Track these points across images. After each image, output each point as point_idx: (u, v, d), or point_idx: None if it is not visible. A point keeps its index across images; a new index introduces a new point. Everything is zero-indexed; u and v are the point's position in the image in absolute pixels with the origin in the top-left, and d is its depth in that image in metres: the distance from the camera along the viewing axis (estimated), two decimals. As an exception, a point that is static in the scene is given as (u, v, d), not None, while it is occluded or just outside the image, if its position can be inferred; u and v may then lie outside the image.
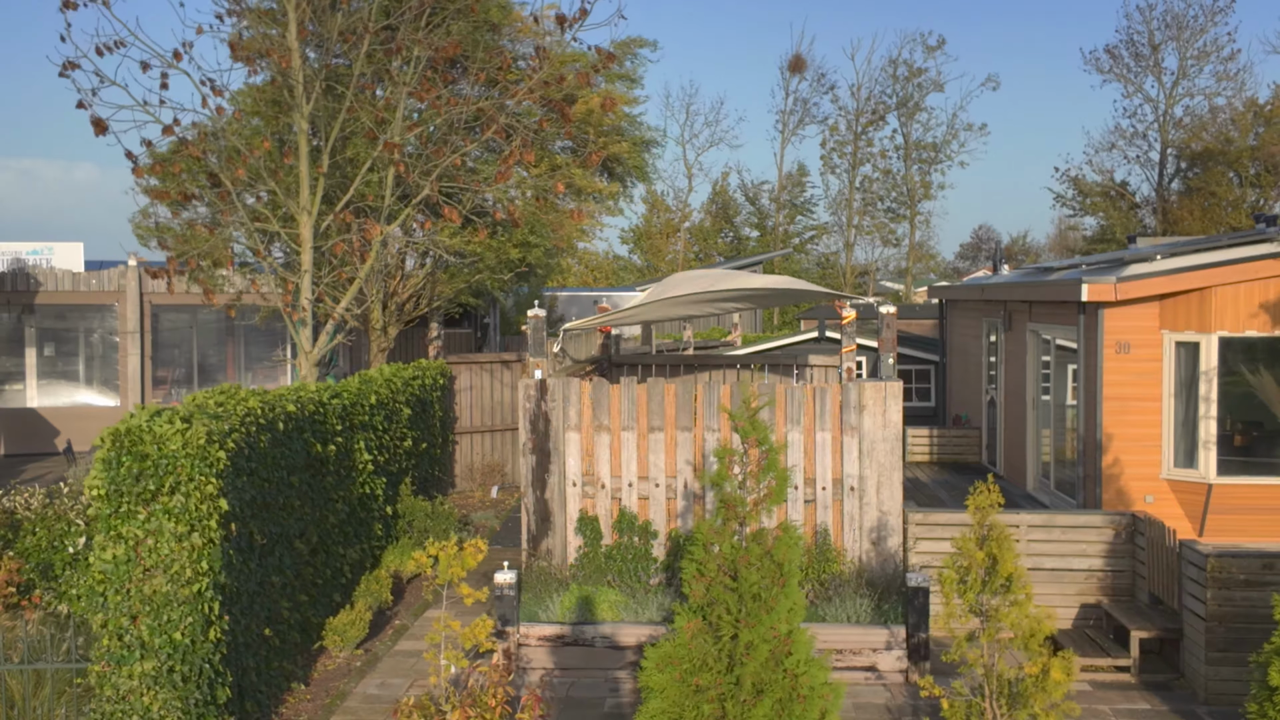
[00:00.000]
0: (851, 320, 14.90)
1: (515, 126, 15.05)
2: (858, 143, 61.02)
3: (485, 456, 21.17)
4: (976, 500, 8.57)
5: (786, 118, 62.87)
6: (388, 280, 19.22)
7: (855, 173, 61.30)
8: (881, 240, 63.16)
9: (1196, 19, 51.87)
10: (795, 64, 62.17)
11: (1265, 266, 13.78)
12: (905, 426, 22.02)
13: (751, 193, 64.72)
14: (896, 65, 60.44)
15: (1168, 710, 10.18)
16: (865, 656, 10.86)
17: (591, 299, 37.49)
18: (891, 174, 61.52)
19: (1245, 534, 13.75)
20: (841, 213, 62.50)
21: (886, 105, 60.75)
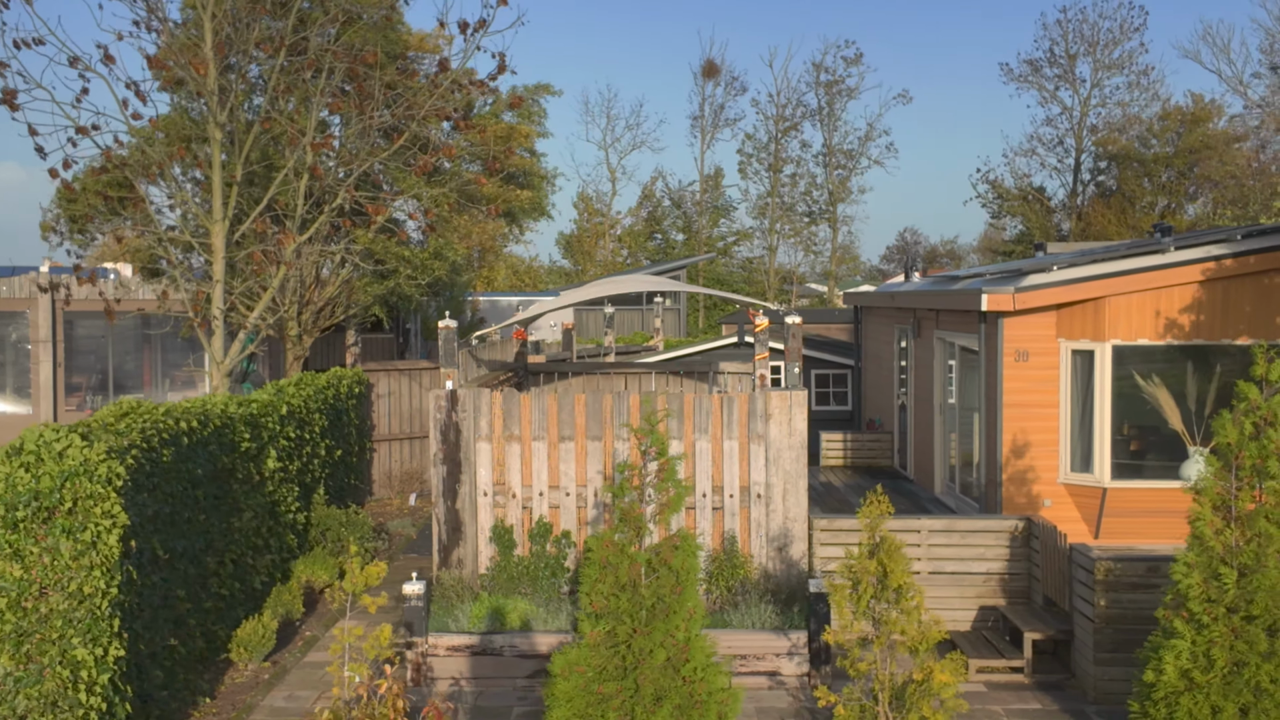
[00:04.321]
0: (764, 328, 15.14)
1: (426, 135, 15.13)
2: (778, 148, 61.63)
3: (404, 464, 21.17)
4: (867, 511, 8.82)
5: (703, 122, 63.37)
6: (303, 288, 19.16)
7: (776, 177, 61.92)
8: (802, 246, 63.87)
9: (1110, 31, 53.14)
10: (708, 69, 62.63)
11: (1156, 277, 14.24)
12: (821, 431, 22.36)
13: (677, 196, 65.12)
14: (818, 72, 61.16)
15: (1058, 710, 10.53)
16: (768, 661, 11.09)
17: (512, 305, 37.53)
18: (810, 178, 62.25)
19: (1139, 536, 14.20)
20: (763, 217, 63.11)
21: (805, 110, 61.46)
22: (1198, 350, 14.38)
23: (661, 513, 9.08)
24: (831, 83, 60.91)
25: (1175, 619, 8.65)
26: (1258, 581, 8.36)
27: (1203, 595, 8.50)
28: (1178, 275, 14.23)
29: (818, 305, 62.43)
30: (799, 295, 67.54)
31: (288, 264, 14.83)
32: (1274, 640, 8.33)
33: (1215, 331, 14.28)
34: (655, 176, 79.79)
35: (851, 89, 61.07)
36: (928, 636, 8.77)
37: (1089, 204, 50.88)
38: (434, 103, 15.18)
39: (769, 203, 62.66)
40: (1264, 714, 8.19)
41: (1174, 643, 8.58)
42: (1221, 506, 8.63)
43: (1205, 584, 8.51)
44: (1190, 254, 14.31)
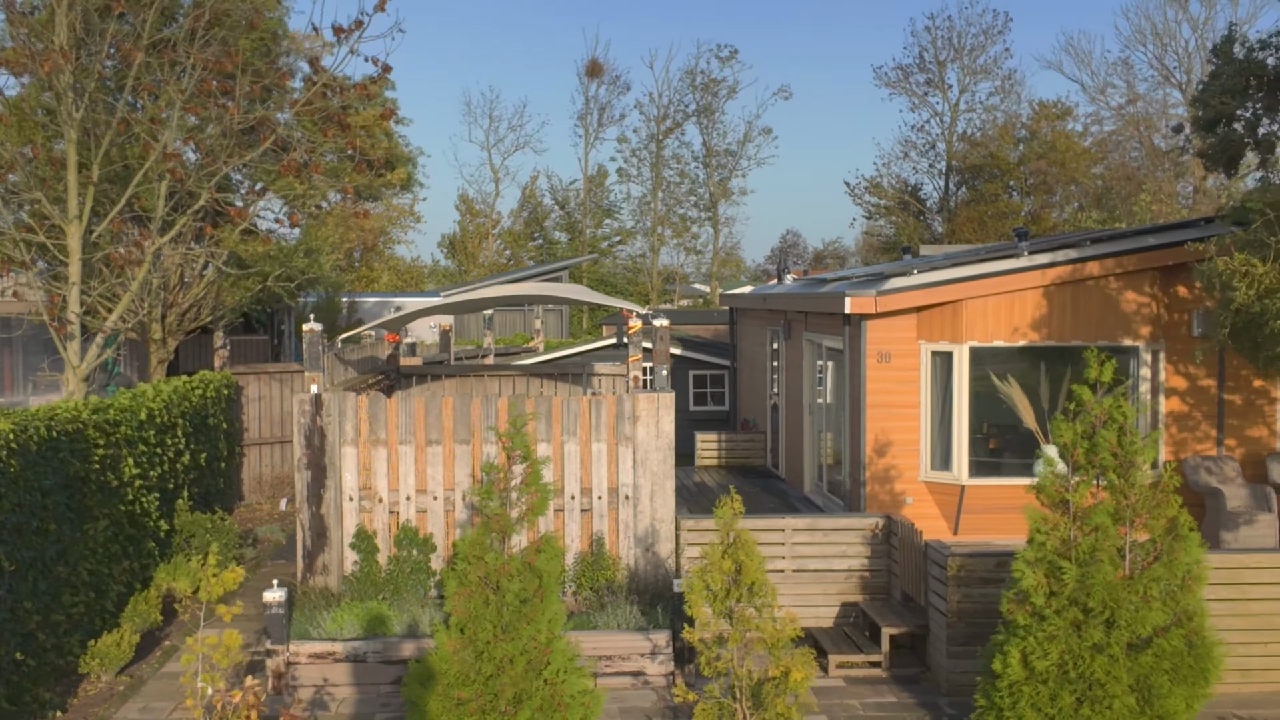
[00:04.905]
0: (637, 330, 15.27)
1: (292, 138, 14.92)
2: (659, 148, 62.04)
3: (276, 468, 20.83)
4: (721, 511, 8.98)
5: (587, 122, 63.52)
6: (167, 290, 18.74)
7: (658, 177, 62.32)
8: (683, 247, 64.38)
9: (977, 38, 54.60)
10: (592, 69, 62.79)
11: (1011, 280, 14.73)
12: (696, 431, 22.60)
13: (560, 197, 65.13)
14: (694, 75, 61.71)
15: (913, 703, 10.82)
16: (633, 662, 11.19)
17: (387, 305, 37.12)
18: (693, 179, 62.79)
19: (996, 532, 14.66)
20: (646, 217, 63.47)
21: (686, 111, 61.96)
22: (1049, 351, 14.91)
23: (527, 516, 9.13)
24: (709, 83, 61.52)
25: (1018, 613, 8.97)
26: (1094, 576, 8.71)
27: (1043, 590, 8.83)
28: (1031, 279, 14.74)
29: (701, 306, 62.92)
30: (682, 296, 68.06)
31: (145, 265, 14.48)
32: (1109, 633, 8.68)
33: (1066, 333, 14.82)
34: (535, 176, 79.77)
35: (731, 87, 61.73)
36: (783, 633, 8.95)
37: (958, 207, 52.21)
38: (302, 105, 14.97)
39: (651, 203, 63.02)
40: (1098, 703, 8.54)
41: (1017, 636, 8.90)
42: (1060, 504, 8.98)
43: (1045, 579, 8.84)
44: (1043, 259, 14.83)
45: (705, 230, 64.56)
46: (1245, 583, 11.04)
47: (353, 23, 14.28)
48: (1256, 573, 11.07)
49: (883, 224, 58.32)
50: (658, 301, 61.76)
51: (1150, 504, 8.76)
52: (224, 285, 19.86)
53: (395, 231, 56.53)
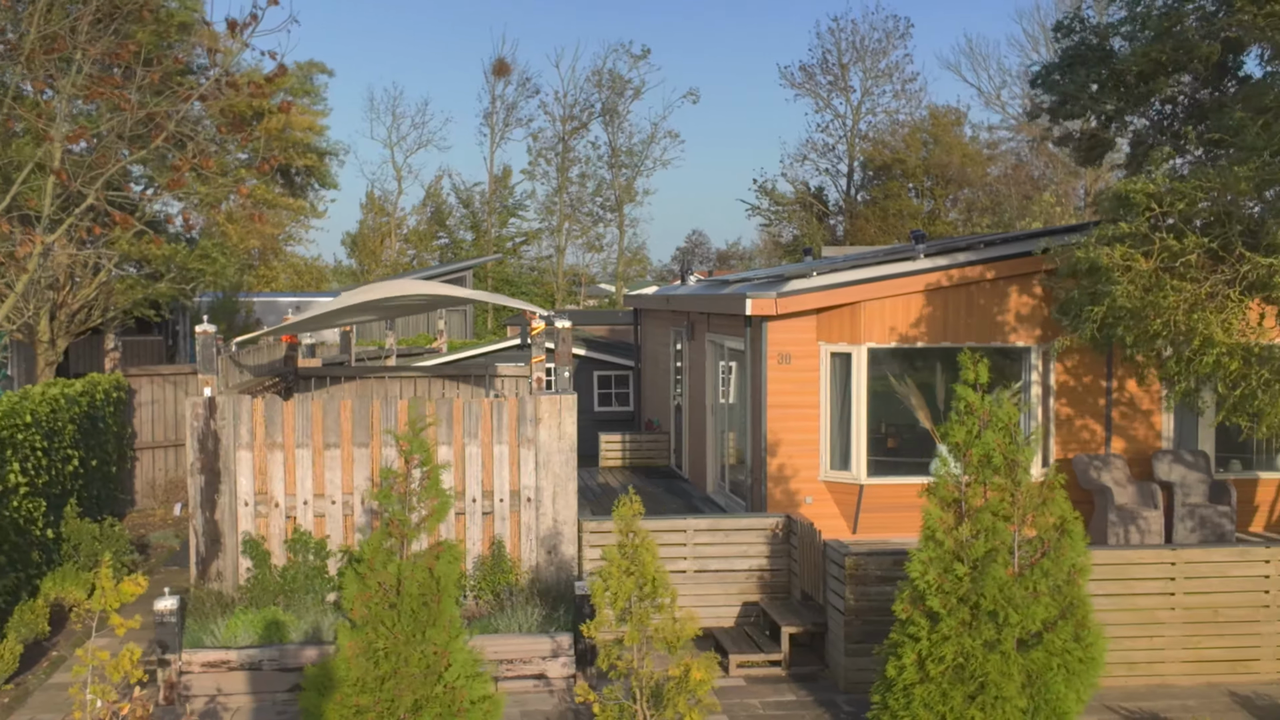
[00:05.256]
0: (540, 331, 15.22)
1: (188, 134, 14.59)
2: (565, 148, 61.97)
3: (169, 473, 20.37)
4: (621, 511, 8.99)
5: (493, 121, 63.20)
6: (56, 290, 18.21)
7: (564, 177, 62.25)
8: (588, 246, 64.40)
9: (879, 41, 55.45)
10: (499, 68, 62.46)
11: (908, 282, 14.98)
12: (600, 432, 22.61)
13: (465, 196, 64.67)
14: (601, 74, 61.76)
15: (812, 700, 10.95)
16: (534, 665, 11.15)
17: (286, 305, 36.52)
18: (599, 179, 62.84)
19: (894, 530, 14.90)
20: (552, 217, 63.34)
21: (592, 112, 61.99)
22: (945, 352, 15.19)
23: (427, 520, 9.05)
24: (616, 83, 61.61)
25: (913, 612, 9.12)
26: (986, 574, 8.88)
27: (937, 589, 8.99)
28: (926, 281, 15.01)
29: (606, 307, 62.98)
30: (587, 296, 68.04)
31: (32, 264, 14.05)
32: (1000, 630, 8.86)
33: (960, 334, 15.12)
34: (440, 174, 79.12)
35: (637, 88, 61.89)
36: (683, 633, 8.99)
37: (859, 209, 52.98)
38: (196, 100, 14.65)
39: (557, 203, 62.90)
40: (990, 701, 8.72)
41: (912, 635, 9.05)
42: (953, 503, 9.15)
43: (939, 578, 9.00)
44: (939, 261, 15.10)
45: (611, 230, 64.65)
46: (1131, 578, 11.37)
47: (248, 16, 14.00)
48: (1141, 568, 11.40)
49: (784, 226, 58.87)
50: (563, 302, 61.65)
51: (1037, 502, 8.96)
52: (117, 286, 19.36)
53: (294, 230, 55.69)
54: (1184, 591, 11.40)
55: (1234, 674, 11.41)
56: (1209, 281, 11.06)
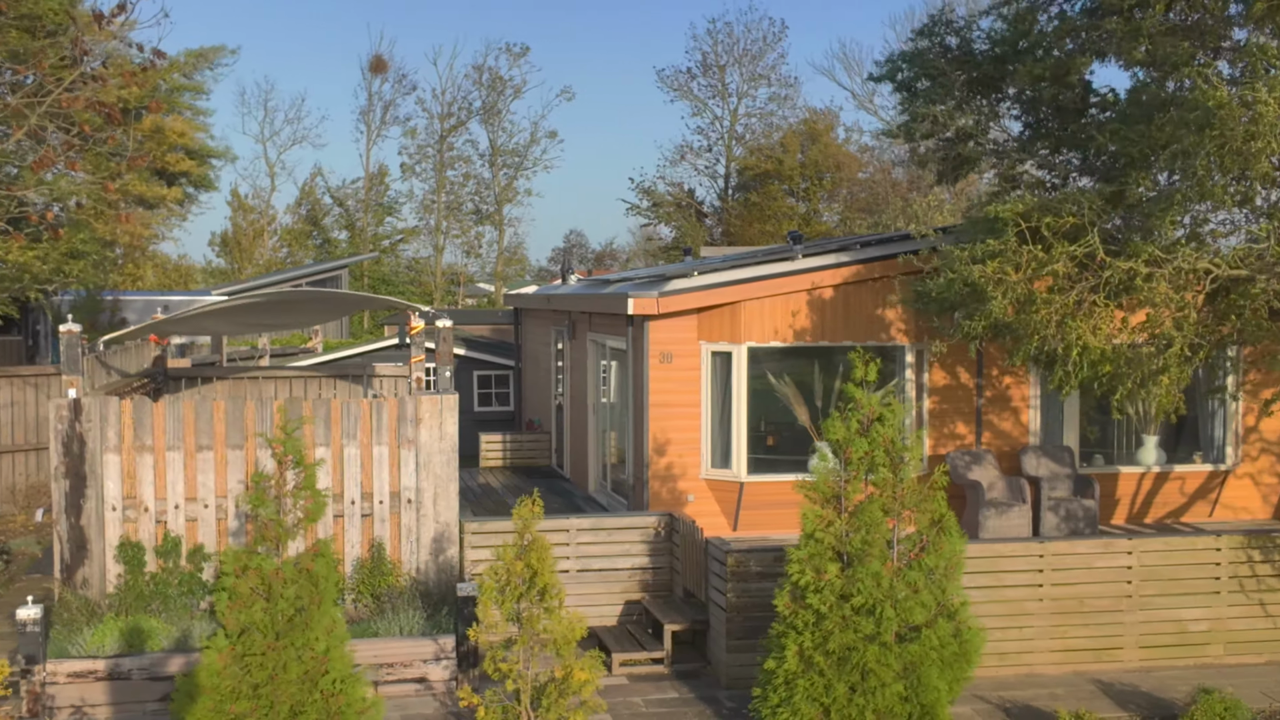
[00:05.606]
0: (419, 330, 15.05)
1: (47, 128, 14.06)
2: (443, 146, 61.35)
3: (30, 477, 19.62)
4: (519, 513, 8.95)
5: (369, 118, 62.26)
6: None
7: (442, 176, 61.61)
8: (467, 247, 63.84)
9: (755, 44, 56.06)
10: (376, 65, 61.53)
11: (786, 283, 15.19)
12: (480, 433, 22.44)
13: (339, 194, 63.56)
14: (481, 72, 61.29)
15: (694, 697, 11.02)
16: (415, 668, 11.01)
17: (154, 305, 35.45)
18: (478, 178, 62.36)
19: (774, 527, 15.08)
20: (430, 216, 62.64)
21: (470, 110, 61.48)
22: (823, 351, 15.44)
23: (303, 523, 8.87)
24: (495, 82, 61.18)
25: (794, 607, 9.24)
26: (865, 570, 9.04)
27: (817, 584, 9.12)
28: (805, 281, 15.23)
29: (485, 306, 62.50)
30: (466, 295, 67.49)
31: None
32: (880, 624, 9.03)
33: (837, 334, 15.37)
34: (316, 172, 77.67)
35: (517, 87, 61.57)
36: (571, 635, 8.97)
37: (736, 210, 53.52)
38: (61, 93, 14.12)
39: (435, 202, 62.22)
40: (870, 692, 8.88)
41: (792, 630, 9.17)
42: (834, 499, 9.30)
43: (819, 574, 9.13)
44: (816, 261, 15.34)
45: (490, 230, 64.18)
46: (1001, 570, 11.70)
47: (114, 8, 13.56)
48: (1011, 560, 11.74)
49: (662, 226, 59.17)
50: (442, 301, 61.02)
51: (917, 498, 9.16)
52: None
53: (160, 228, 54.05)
54: (1051, 583, 11.77)
55: (1099, 662, 11.82)
56: (1075, 290, 11.44)
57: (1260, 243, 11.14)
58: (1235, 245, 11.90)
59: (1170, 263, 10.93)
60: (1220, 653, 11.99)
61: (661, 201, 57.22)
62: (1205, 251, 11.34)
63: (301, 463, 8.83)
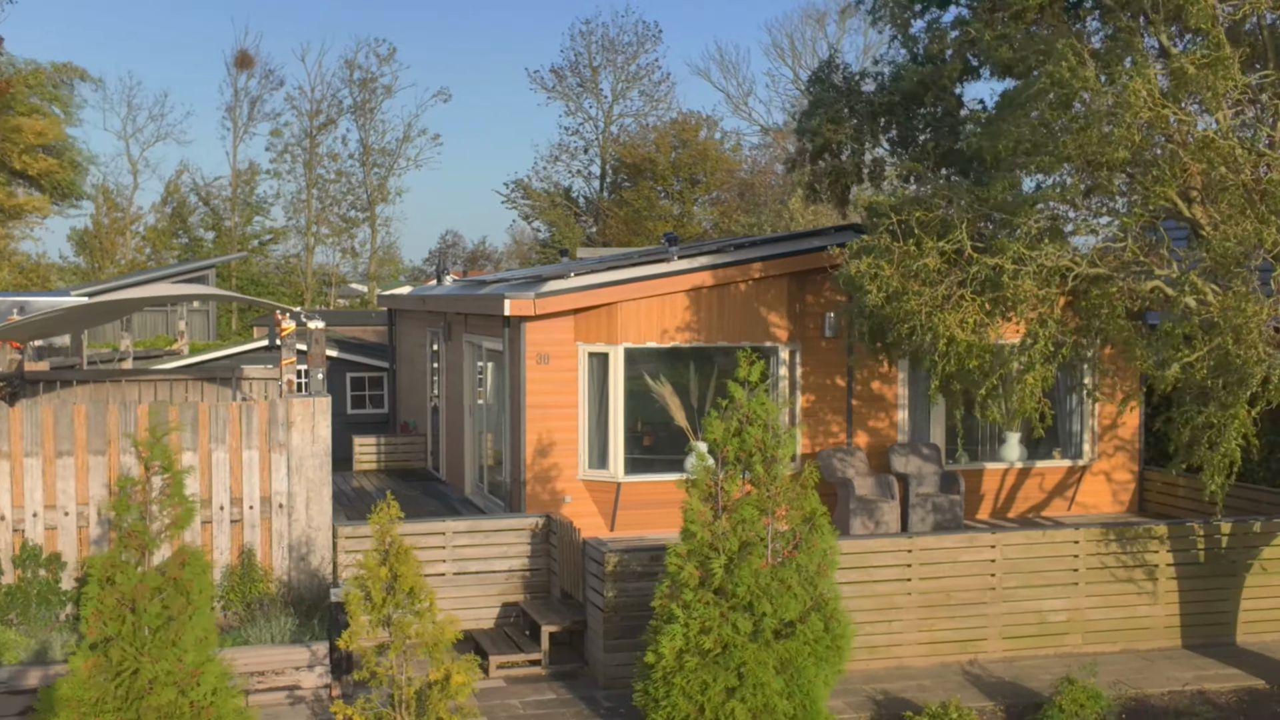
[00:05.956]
0: (290, 332, 14.78)
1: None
2: (313, 144, 60.25)
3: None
4: (377, 517, 8.85)
5: (236, 115, 60.85)
6: None
7: (312, 174, 60.50)
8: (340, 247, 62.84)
9: (629, 45, 56.28)
10: (242, 60, 60.12)
11: (663, 284, 15.31)
12: (354, 435, 22.11)
13: (205, 192, 61.97)
14: (351, 69, 60.35)
15: (572, 697, 11.05)
16: (288, 676, 10.81)
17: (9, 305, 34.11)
18: (348, 176, 61.37)
19: (651, 527, 15.18)
20: (300, 215, 61.44)
21: (341, 108, 60.53)
22: (698, 352, 15.61)
23: (169, 529, 8.65)
24: (366, 80, 60.30)
25: (672, 604, 9.32)
26: (742, 567, 9.17)
27: (695, 582, 9.22)
28: (680, 282, 15.37)
29: (359, 307, 61.57)
30: (339, 296, 66.42)
31: None
32: (756, 620, 9.17)
33: (713, 334, 15.56)
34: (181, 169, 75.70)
35: (388, 86, 60.80)
36: (443, 637, 8.91)
37: (611, 210, 53.69)
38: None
39: (306, 201, 61.06)
40: (747, 689, 9.01)
41: (671, 627, 9.25)
42: (710, 497, 9.41)
43: (697, 571, 9.23)
44: (691, 263, 15.49)
45: (363, 230, 63.24)
46: (871, 566, 11.97)
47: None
48: (881, 556, 12.03)
49: (538, 225, 59.01)
50: (314, 302, 59.93)
51: (791, 496, 9.33)
52: None
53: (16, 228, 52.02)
54: (919, 577, 12.09)
55: (965, 653, 12.18)
56: (944, 284, 11.77)
57: (1118, 243, 11.58)
58: (1094, 245, 12.38)
59: (1034, 260, 11.30)
60: (1079, 642, 12.46)
61: (538, 198, 57.06)
62: (1066, 250, 11.75)
63: (170, 468, 8.62)
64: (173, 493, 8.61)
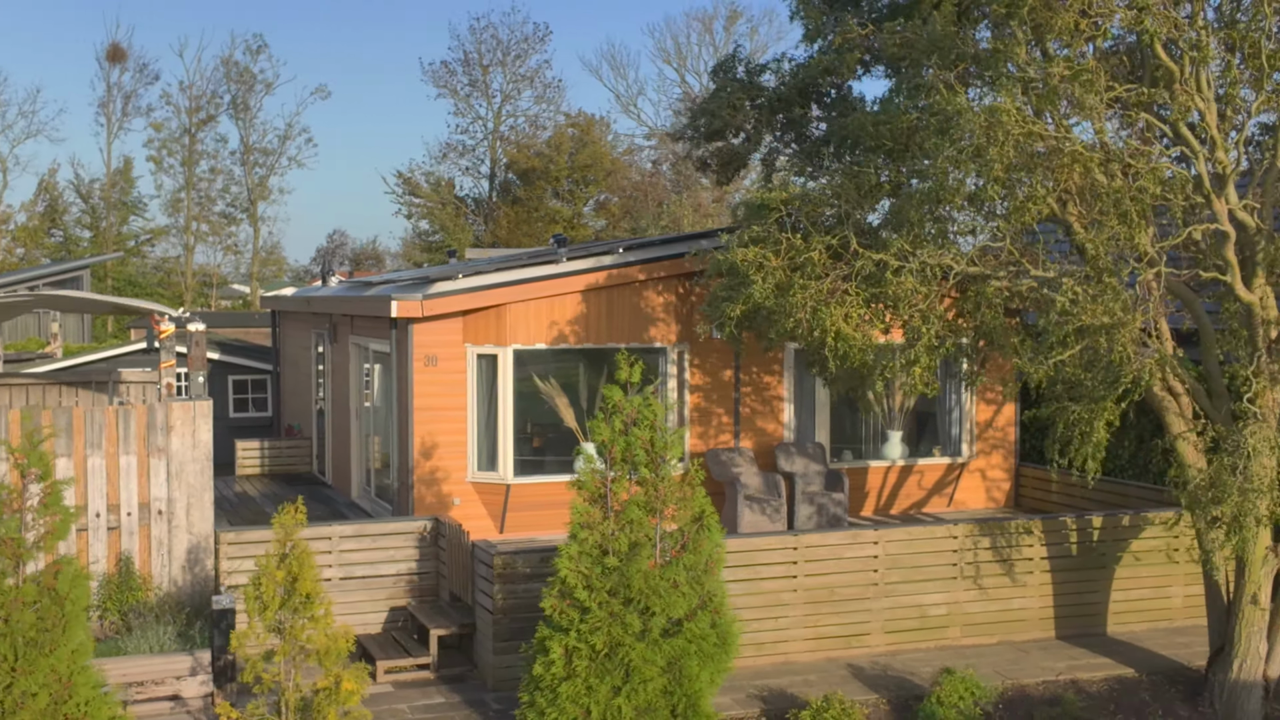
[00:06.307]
0: (170, 334, 14.48)
1: None
2: (193, 142, 58.84)
3: None
4: (281, 521, 8.73)
5: (109, 110, 59.15)
6: None
7: (191, 172, 59.05)
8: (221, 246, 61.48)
9: (520, 44, 56.09)
10: (114, 53, 58.44)
11: (551, 285, 15.33)
12: (236, 439, 21.69)
13: (84, 190, 60.11)
14: (229, 65, 59.06)
15: (460, 701, 11.00)
16: (169, 685, 10.58)
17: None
18: (228, 174, 60.09)
19: (541, 528, 15.18)
20: (179, 214, 59.92)
21: (220, 104, 59.22)
22: (588, 353, 15.66)
23: (46, 539, 8.42)
24: (244, 77, 59.07)
25: (561, 606, 9.34)
26: (631, 568, 9.23)
27: (584, 583, 9.25)
28: (569, 284, 15.42)
29: (241, 308, 60.27)
30: (220, 297, 64.99)
31: None
32: (645, 620, 9.23)
33: (602, 335, 15.63)
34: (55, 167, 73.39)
35: (268, 83, 59.66)
36: (335, 645, 8.82)
37: (500, 211, 53.47)
38: None
39: (185, 200, 59.58)
40: (634, 690, 9.07)
41: (560, 630, 9.27)
42: (599, 498, 9.46)
43: (587, 572, 9.27)
44: (580, 264, 15.55)
45: (244, 229, 61.97)
46: (758, 564, 12.15)
47: None
48: (768, 554, 12.21)
49: (425, 225, 58.41)
50: (194, 303, 58.53)
51: (678, 496, 9.42)
52: None
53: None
54: (805, 574, 12.30)
55: (849, 648, 12.43)
56: (830, 278, 11.97)
57: (998, 242, 11.88)
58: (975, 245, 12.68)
59: (917, 257, 11.53)
60: (958, 634, 12.81)
61: (426, 196, 56.46)
62: (949, 249, 12.02)
63: (47, 475, 8.40)
64: (49, 501, 8.39)
